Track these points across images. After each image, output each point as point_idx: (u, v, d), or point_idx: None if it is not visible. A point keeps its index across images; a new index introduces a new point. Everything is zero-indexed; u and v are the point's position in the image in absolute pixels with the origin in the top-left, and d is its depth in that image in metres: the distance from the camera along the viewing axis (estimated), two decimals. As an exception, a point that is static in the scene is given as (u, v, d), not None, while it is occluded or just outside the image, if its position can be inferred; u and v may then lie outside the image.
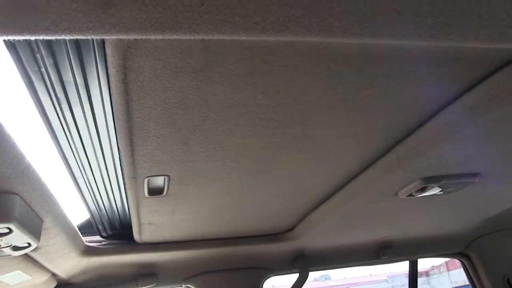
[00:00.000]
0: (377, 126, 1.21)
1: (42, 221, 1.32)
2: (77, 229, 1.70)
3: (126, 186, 1.39)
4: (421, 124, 1.22)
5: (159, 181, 1.38)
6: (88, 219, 2.11)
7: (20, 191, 1.13)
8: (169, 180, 1.38)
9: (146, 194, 1.45)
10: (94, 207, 1.69)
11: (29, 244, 1.29)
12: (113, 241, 2.05)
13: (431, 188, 1.58)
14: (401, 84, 1.02)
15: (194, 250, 2.14)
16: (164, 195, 1.49)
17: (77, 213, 2.04)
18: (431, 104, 1.13)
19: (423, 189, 1.59)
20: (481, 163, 1.52)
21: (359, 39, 0.69)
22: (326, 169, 1.48)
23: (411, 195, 1.65)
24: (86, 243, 1.89)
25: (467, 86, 1.06)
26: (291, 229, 2.17)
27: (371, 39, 0.69)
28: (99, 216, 1.81)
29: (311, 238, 2.23)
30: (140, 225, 1.79)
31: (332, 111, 1.09)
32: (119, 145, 1.15)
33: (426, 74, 0.99)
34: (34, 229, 1.26)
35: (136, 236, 1.94)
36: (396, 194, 1.66)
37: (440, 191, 1.63)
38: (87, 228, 2.07)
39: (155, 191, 1.45)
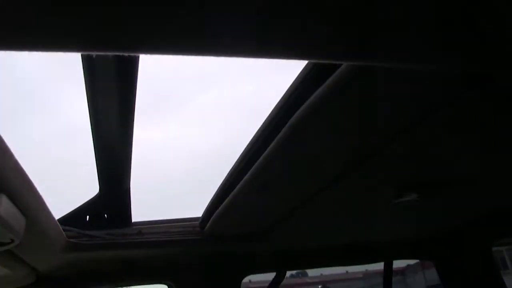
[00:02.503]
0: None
1: (26, 217, 1.33)
2: (59, 225, 1.71)
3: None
4: (399, 134, 1.26)
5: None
6: (72, 211, 2.12)
7: (6, 189, 1.14)
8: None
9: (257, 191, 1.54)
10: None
11: (12, 240, 1.30)
12: (94, 237, 2.05)
13: (408, 195, 1.64)
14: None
15: (174, 247, 2.16)
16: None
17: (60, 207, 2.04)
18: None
19: (400, 196, 1.65)
20: (457, 172, 1.59)
21: (343, 61, 0.75)
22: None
23: (388, 200, 1.70)
24: (67, 239, 1.89)
25: (445, 101, 1.10)
26: (270, 229, 2.20)
27: (353, 61, 0.76)
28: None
29: (289, 239, 2.27)
30: (221, 218, 1.89)
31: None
32: None
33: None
34: (17, 226, 1.27)
35: (208, 226, 2.03)
36: (373, 199, 1.72)
37: (416, 198, 1.69)
38: (70, 221, 2.07)
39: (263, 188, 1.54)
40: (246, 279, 2.52)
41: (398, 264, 2.96)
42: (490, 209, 2.26)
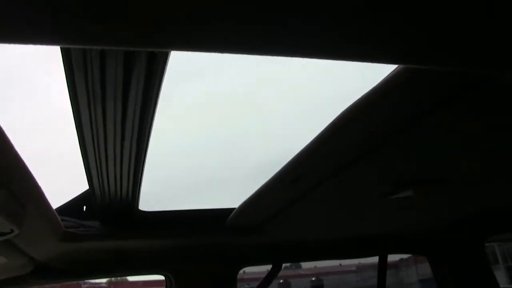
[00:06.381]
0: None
1: (25, 208, 1.34)
2: (57, 215, 1.72)
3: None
4: (397, 132, 1.28)
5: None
6: (69, 201, 2.12)
7: (6, 181, 1.15)
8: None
9: (288, 182, 1.59)
10: (99, 192, 1.71)
11: (12, 231, 1.31)
12: (91, 227, 2.06)
13: (404, 191, 1.65)
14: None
15: (171, 239, 2.18)
16: (295, 184, 1.62)
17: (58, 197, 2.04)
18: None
19: (396, 192, 1.67)
20: (452, 171, 1.61)
21: (342, 60, 0.77)
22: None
23: (384, 196, 1.72)
24: (65, 229, 1.90)
25: (442, 100, 1.12)
26: (266, 222, 2.22)
27: (353, 60, 0.78)
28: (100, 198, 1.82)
29: (285, 232, 2.29)
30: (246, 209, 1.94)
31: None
32: None
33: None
34: (17, 216, 1.28)
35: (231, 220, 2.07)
36: (370, 195, 1.73)
37: (412, 194, 1.71)
38: (67, 211, 2.08)
39: (292, 181, 1.59)
40: (240, 271, 2.54)
41: (391, 258, 3.00)
42: (483, 206, 2.29)
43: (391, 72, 0.98)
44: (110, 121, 1.14)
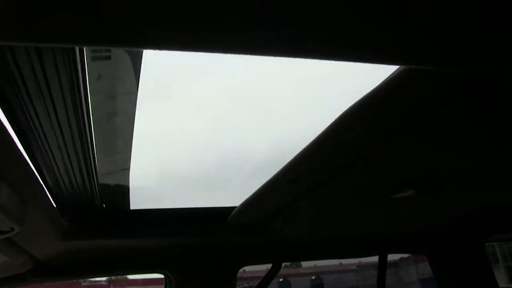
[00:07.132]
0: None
1: (26, 206, 1.34)
2: (58, 213, 1.72)
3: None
4: (397, 132, 1.28)
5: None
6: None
7: (7, 177, 1.15)
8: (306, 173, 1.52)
9: (289, 182, 1.56)
10: (60, 192, 1.66)
11: (12, 229, 1.31)
12: (92, 226, 2.06)
13: (404, 191, 1.66)
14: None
15: (171, 237, 2.18)
16: (296, 183, 1.59)
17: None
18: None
19: (396, 191, 1.67)
20: (453, 170, 1.61)
21: (342, 60, 0.78)
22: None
23: (386, 196, 1.72)
24: (66, 227, 1.90)
25: (443, 100, 1.12)
26: (267, 221, 2.22)
27: (352, 60, 0.78)
28: (67, 201, 1.78)
29: (285, 231, 2.29)
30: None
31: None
32: None
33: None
34: (18, 214, 1.28)
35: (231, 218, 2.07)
36: (371, 194, 1.73)
37: (413, 194, 1.71)
38: (68, 209, 2.08)
39: (293, 180, 1.56)
40: (240, 269, 2.54)
41: (391, 257, 3.00)
42: (484, 206, 2.29)
43: (392, 73, 0.98)
44: (46, 121, 1.08)
